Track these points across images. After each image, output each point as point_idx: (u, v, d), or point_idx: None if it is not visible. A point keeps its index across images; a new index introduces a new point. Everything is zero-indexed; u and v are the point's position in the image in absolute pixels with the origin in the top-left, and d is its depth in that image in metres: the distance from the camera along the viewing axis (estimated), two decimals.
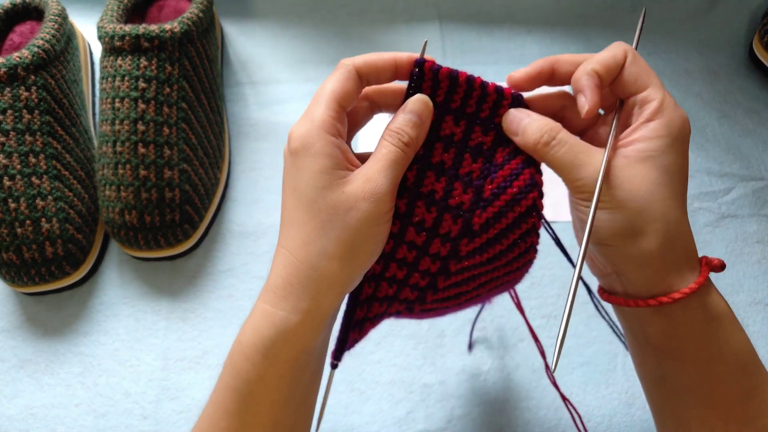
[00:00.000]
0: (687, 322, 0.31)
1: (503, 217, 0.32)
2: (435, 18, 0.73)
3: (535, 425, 0.51)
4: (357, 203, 0.29)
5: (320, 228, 0.30)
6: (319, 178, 0.30)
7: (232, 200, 0.62)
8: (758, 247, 0.59)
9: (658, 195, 0.30)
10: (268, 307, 0.31)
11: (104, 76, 0.55)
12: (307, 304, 0.30)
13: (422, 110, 0.31)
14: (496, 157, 0.33)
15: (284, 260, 0.31)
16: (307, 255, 0.30)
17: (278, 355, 0.30)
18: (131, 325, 0.56)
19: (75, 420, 0.52)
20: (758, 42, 0.67)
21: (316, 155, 0.30)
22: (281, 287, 0.30)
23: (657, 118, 0.31)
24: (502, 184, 0.32)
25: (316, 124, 0.30)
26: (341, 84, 0.31)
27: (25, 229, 0.52)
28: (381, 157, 0.30)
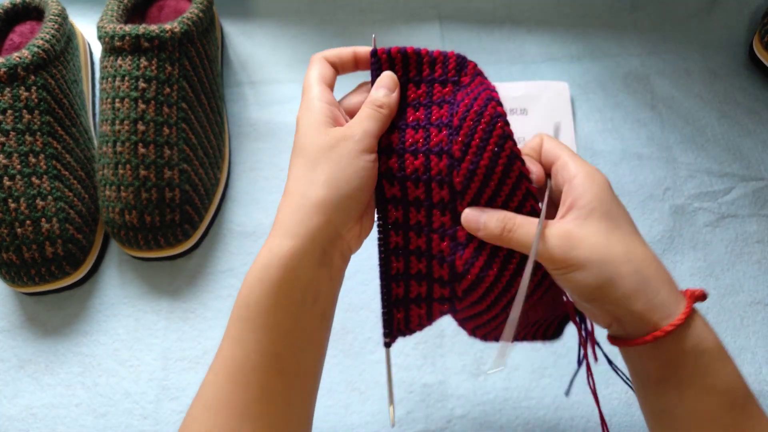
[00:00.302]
0: (680, 354, 0.33)
1: (474, 133, 0.36)
2: (435, 18, 0.73)
3: (535, 425, 0.51)
4: (339, 142, 0.35)
5: (309, 164, 0.35)
6: (312, 129, 0.36)
7: (232, 200, 0.62)
8: (758, 247, 0.59)
9: (614, 240, 0.34)
10: (268, 239, 0.35)
11: (104, 76, 0.55)
12: (298, 229, 0.34)
13: (388, 81, 0.38)
14: (457, 98, 0.38)
15: (282, 199, 0.36)
16: (298, 187, 0.35)
17: (273, 280, 0.33)
18: (131, 325, 0.56)
19: (75, 420, 0.52)
20: (758, 42, 0.67)
21: (312, 113, 0.37)
22: (278, 220, 0.35)
23: (578, 175, 0.35)
24: (465, 109, 0.36)
25: (313, 95, 0.38)
26: (320, 69, 0.39)
27: (25, 229, 0.52)
28: (359, 114, 0.37)
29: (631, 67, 0.69)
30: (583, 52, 0.70)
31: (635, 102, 0.67)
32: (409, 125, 0.38)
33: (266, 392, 0.33)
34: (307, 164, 0.35)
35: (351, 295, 0.57)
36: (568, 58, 0.70)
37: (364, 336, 0.55)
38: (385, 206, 0.38)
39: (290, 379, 0.34)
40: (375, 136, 0.37)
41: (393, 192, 0.38)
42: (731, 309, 0.56)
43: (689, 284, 0.57)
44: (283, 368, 0.34)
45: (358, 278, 0.58)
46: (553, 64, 0.69)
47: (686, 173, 0.63)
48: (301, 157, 0.36)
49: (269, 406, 0.33)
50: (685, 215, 0.61)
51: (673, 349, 0.33)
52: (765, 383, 0.53)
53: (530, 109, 0.66)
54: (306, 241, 0.34)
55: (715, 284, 0.57)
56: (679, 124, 0.66)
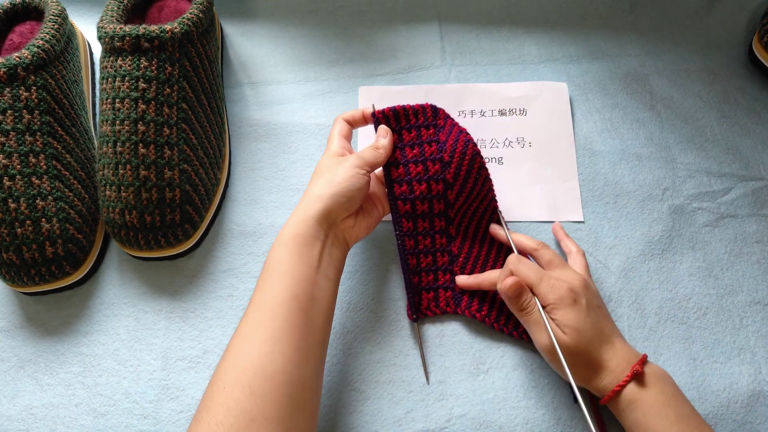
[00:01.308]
0: (635, 411, 0.46)
1: (462, 166, 0.54)
2: (434, 18, 0.73)
3: (534, 425, 0.51)
4: (342, 162, 0.51)
5: (320, 174, 0.51)
6: (327, 159, 0.53)
7: (232, 200, 0.62)
8: (757, 247, 0.59)
9: (587, 324, 0.47)
10: (285, 223, 0.49)
11: (104, 76, 0.55)
12: (304, 211, 0.49)
13: (382, 132, 0.55)
14: (440, 138, 0.55)
15: (302, 197, 0.51)
16: (309, 188, 0.51)
17: (283, 239, 0.48)
18: (131, 324, 0.56)
19: (75, 420, 0.52)
20: (758, 42, 0.67)
21: (332, 151, 0.53)
22: (294, 210, 0.50)
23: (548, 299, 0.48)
24: (451, 149, 0.54)
25: (333, 145, 0.54)
26: (339, 126, 0.56)
27: (25, 229, 0.52)
28: (366, 151, 0.53)
29: (630, 67, 0.69)
30: (582, 53, 0.70)
31: (634, 102, 0.67)
32: (410, 161, 0.55)
33: (289, 322, 0.43)
34: (318, 175, 0.52)
35: (351, 295, 0.57)
36: (567, 58, 0.70)
37: (364, 336, 0.55)
38: (399, 220, 0.55)
39: (306, 315, 0.45)
40: (368, 163, 0.52)
41: (405, 209, 0.55)
42: (731, 309, 0.56)
43: (689, 284, 0.57)
44: (300, 306, 0.45)
45: (358, 278, 0.58)
46: (552, 65, 0.69)
47: (685, 173, 0.63)
48: (316, 172, 0.52)
49: (293, 332, 0.43)
50: (684, 215, 0.61)
51: (627, 410, 0.46)
52: (765, 383, 0.53)
53: (529, 109, 0.66)
54: (310, 219, 0.48)
55: (714, 284, 0.57)
56: (678, 124, 0.66)
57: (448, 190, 0.55)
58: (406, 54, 0.70)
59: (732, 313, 0.56)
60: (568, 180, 0.62)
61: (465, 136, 0.54)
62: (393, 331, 0.55)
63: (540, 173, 0.63)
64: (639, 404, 0.45)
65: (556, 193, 0.62)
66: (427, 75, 0.69)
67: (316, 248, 0.48)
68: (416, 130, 0.55)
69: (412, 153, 0.55)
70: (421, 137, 0.55)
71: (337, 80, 0.69)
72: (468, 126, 0.57)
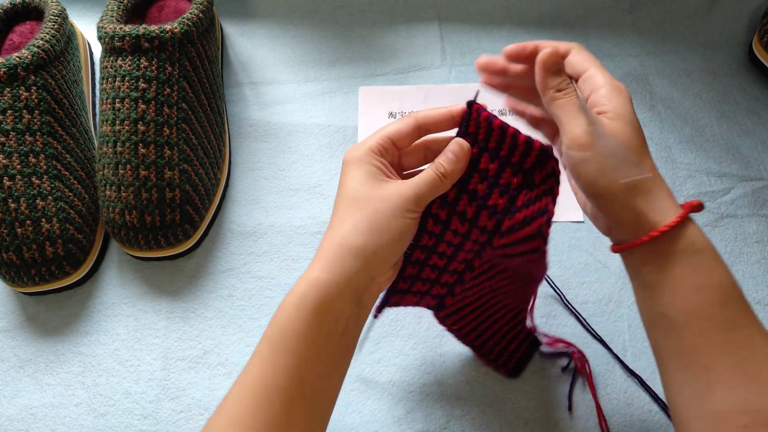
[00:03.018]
0: (673, 254, 0.35)
1: (514, 247, 0.40)
2: (434, 19, 0.73)
3: (534, 425, 0.51)
4: (389, 196, 0.37)
5: (355, 209, 0.37)
6: (362, 178, 0.38)
7: (232, 200, 0.62)
8: (757, 247, 0.59)
9: (633, 143, 0.37)
10: (307, 271, 0.37)
11: (104, 76, 0.55)
12: (336, 268, 0.36)
13: (458, 151, 0.39)
14: (519, 198, 0.39)
15: (326, 236, 0.38)
16: (343, 230, 0.37)
17: (309, 308, 0.36)
18: (131, 325, 0.56)
19: (75, 420, 0.52)
20: (758, 42, 0.67)
21: (360, 163, 0.38)
22: (319, 256, 0.37)
23: (605, 86, 0.38)
24: (517, 225, 0.39)
25: (366, 145, 0.39)
26: (397, 126, 0.40)
27: (25, 229, 0.52)
28: (420, 176, 0.38)
29: (630, 67, 0.69)
30: None
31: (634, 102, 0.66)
32: (468, 191, 0.39)
33: (289, 412, 0.35)
34: (354, 208, 0.37)
35: None
36: None
37: (363, 336, 0.55)
38: (421, 234, 0.40)
39: (312, 403, 0.37)
40: (426, 202, 0.38)
41: (432, 229, 0.40)
42: None
43: None
44: (306, 392, 0.36)
45: None
46: None
47: (685, 173, 0.63)
48: (350, 199, 0.38)
49: (290, 426, 0.35)
50: None
51: (667, 250, 0.36)
52: None
53: None
54: (342, 279, 0.36)
55: None
56: (678, 124, 0.66)
57: (488, 246, 0.40)
58: (406, 54, 0.70)
59: None
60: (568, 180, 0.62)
61: (542, 221, 0.39)
62: (393, 331, 0.55)
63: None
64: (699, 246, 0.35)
65: None
66: (427, 75, 0.69)
67: (344, 316, 0.37)
68: (500, 165, 0.39)
69: (475, 186, 0.39)
70: (498, 178, 0.39)
71: (337, 80, 0.69)
72: None
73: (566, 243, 0.59)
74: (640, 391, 0.52)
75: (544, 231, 0.39)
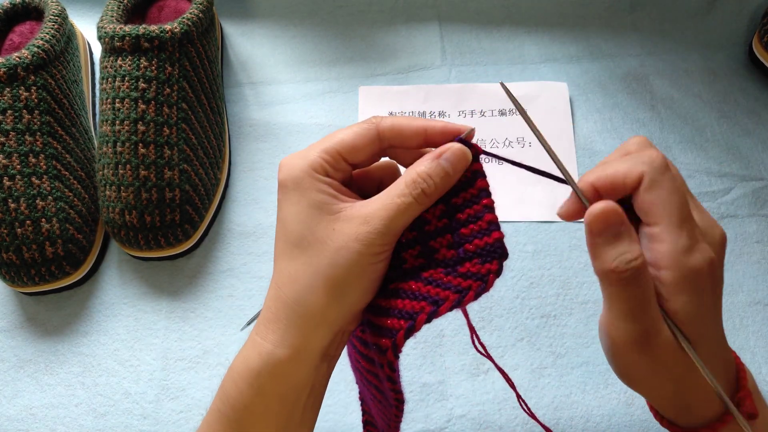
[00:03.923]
0: None
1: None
2: (434, 18, 0.73)
3: (534, 425, 0.51)
4: (348, 243, 0.28)
5: (308, 264, 0.29)
6: (308, 212, 0.29)
7: (232, 200, 0.62)
8: (758, 247, 0.59)
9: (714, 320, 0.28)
10: (257, 338, 0.31)
11: (104, 76, 0.55)
12: (294, 340, 0.29)
13: (458, 161, 0.29)
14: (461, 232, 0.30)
15: (274, 293, 0.30)
16: (295, 291, 0.29)
17: (264, 387, 0.30)
18: (131, 325, 0.56)
19: (75, 420, 0.52)
20: (758, 42, 0.67)
21: (300, 189, 0.29)
22: (270, 320, 0.30)
23: (671, 270, 0.27)
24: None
25: (306, 160, 0.29)
26: (353, 138, 0.30)
27: (25, 229, 0.52)
28: (390, 203, 0.28)
29: (631, 67, 0.69)
30: (582, 53, 0.70)
31: (634, 102, 0.67)
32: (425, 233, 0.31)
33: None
34: (304, 261, 0.29)
35: None
36: (567, 58, 0.70)
37: None
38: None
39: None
40: (396, 234, 0.29)
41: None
42: (731, 309, 0.56)
43: None
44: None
45: None
46: (552, 65, 0.69)
47: (685, 173, 0.63)
48: (294, 245, 0.29)
49: None
50: None
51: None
52: (765, 383, 0.53)
53: (529, 109, 0.66)
54: (302, 352, 0.30)
55: None
56: (679, 125, 0.66)
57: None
58: (406, 54, 0.70)
59: (732, 313, 0.56)
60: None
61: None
62: None
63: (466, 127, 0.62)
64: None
65: (556, 193, 0.62)
66: (427, 75, 0.69)
67: (308, 384, 0.31)
68: (448, 218, 0.31)
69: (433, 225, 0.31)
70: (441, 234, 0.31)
71: (338, 80, 0.69)
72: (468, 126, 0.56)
73: (566, 243, 0.59)
74: None
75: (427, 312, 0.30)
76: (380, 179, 0.33)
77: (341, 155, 0.30)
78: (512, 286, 0.57)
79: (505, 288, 0.57)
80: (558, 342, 0.54)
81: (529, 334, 0.55)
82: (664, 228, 0.27)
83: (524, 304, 0.56)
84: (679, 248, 0.26)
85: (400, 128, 0.30)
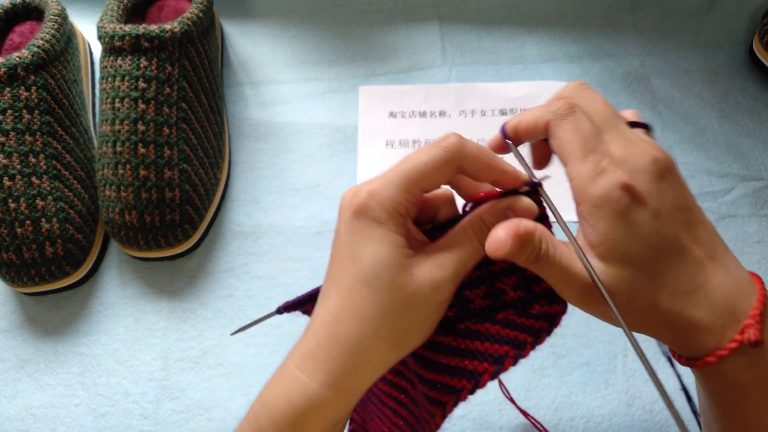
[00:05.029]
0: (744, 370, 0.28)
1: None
2: (435, 18, 0.73)
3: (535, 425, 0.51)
4: (423, 288, 0.28)
5: (379, 307, 0.28)
6: (389, 254, 0.27)
7: (232, 200, 0.62)
8: (758, 247, 0.59)
9: (642, 287, 0.28)
10: (301, 376, 0.29)
11: (104, 76, 0.55)
12: (348, 384, 0.28)
13: (527, 212, 0.29)
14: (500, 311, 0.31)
15: (327, 329, 0.29)
16: (357, 332, 0.28)
17: (307, 427, 0.29)
18: (131, 325, 0.56)
19: (75, 420, 0.52)
20: (758, 42, 0.67)
21: (382, 229, 0.28)
22: (320, 358, 0.28)
23: (585, 201, 0.28)
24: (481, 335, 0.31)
25: (390, 198, 0.28)
26: (432, 165, 0.28)
27: (25, 229, 0.52)
28: (462, 247, 0.28)
29: (631, 67, 0.69)
30: (583, 53, 0.70)
31: (635, 102, 0.67)
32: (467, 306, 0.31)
33: None
34: (374, 302, 0.28)
35: None
36: (568, 58, 0.70)
37: None
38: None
39: None
40: (459, 281, 0.29)
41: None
42: None
43: None
44: None
45: None
46: (553, 64, 0.69)
47: (686, 173, 0.63)
48: (365, 285, 0.28)
49: None
50: None
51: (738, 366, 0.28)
52: None
53: None
54: (355, 393, 0.29)
55: None
56: (679, 124, 0.66)
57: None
58: (406, 54, 0.70)
59: None
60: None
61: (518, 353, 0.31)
62: None
63: (540, 173, 0.63)
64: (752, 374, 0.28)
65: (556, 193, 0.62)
66: (427, 75, 0.69)
67: (345, 420, 0.31)
68: (510, 269, 0.31)
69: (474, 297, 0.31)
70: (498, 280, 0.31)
71: (338, 80, 0.69)
72: (468, 126, 0.56)
73: None
74: (640, 391, 0.52)
75: (495, 369, 0.31)
76: (437, 207, 0.32)
77: (419, 186, 0.28)
78: None
79: None
80: (558, 342, 0.54)
81: None
82: (569, 165, 0.28)
83: None
84: (583, 179, 0.27)
85: (486, 162, 0.29)
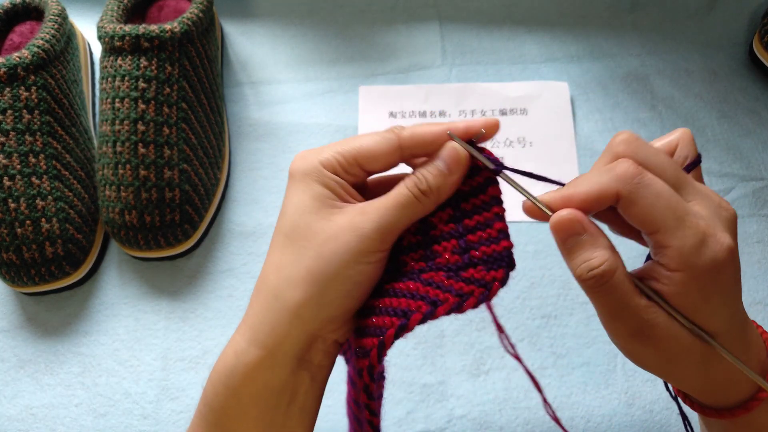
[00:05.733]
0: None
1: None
2: (435, 18, 0.73)
3: (535, 425, 0.51)
4: (340, 233, 0.27)
5: (295, 254, 0.28)
6: (308, 203, 0.28)
7: (232, 200, 0.62)
8: (758, 247, 0.59)
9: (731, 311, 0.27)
10: (236, 335, 0.30)
11: (104, 76, 0.55)
12: (266, 338, 0.28)
13: (452, 161, 0.28)
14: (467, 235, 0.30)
15: (256, 286, 0.30)
16: (276, 281, 0.28)
17: (239, 389, 0.29)
18: (131, 325, 0.56)
19: (75, 420, 0.52)
20: (758, 42, 0.67)
21: (310, 182, 0.28)
22: (248, 314, 0.29)
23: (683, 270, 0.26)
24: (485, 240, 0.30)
25: (319, 156, 0.29)
26: (372, 145, 0.29)
27: (25, 229, 0.52)
28: (390, 196, 0.28)
29: (631, 67, 0.69)
30: (583, 52, 0.70)
31: (635, 102, 0.67)
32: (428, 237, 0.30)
33: None
34: (291, 250, 0.28)
35: None
36: (568, 58, 0.70)
37: None
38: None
39: None
40: (395, 234, 0.28)
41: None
42: None
43: None
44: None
45: None
46: (553, 64, 0.69)
47: None
48: (285, 235, 0.28)
49: None
50: None
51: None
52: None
53: (530, 109, 0.66)
54: (275, 353, 0.28)
55: None
56: (679, 124, 0.66)
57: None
58: (406, 53, 0.70)
59: None
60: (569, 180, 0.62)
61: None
62: None
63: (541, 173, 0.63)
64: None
65: None
66: (427, 74, 0.69)
67: (286, 388, 0.30)
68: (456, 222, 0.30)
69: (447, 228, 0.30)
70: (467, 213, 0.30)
71: (338, 80, 0.69)
72: None
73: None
74: (640, 391, 0.52)
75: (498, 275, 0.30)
76: None
77: (356, 160, 0.29)
78: (513, 286, 0.57)
79: (506, 288, 0.56)
80: (559, 342, 0.54)
81: (529, 334, 0.55)
82: (662, 234, 0.26)
83: (525, 305, 0.56)
84: (686, 249, 0.25)
85: (421, 134, 0.29)
